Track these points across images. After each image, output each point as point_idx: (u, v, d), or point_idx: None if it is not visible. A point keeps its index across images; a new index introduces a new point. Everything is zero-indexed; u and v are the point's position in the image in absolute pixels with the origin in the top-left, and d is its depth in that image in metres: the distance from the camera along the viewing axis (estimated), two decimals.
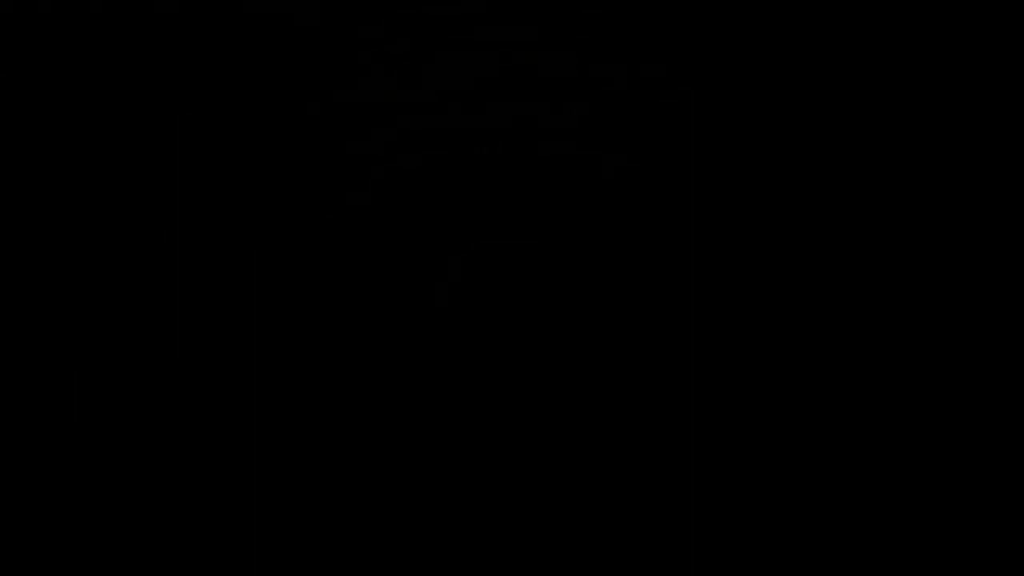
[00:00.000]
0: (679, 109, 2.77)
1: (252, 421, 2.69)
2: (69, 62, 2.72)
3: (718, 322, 2.75)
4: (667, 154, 2.76)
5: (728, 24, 2.78)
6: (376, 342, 2.71)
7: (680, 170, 2.77)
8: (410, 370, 2.70)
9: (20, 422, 2.68)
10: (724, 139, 2.78)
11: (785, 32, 2.77)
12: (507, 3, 2.76)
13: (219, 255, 2.71)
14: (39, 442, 2.68)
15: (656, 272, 2.73)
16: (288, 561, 2.68)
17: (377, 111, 2.74)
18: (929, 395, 2.67)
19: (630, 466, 2.68)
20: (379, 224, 2.72)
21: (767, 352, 2.72)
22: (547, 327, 2.72)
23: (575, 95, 2.75)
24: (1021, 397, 2.65)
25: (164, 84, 2.73)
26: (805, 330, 2.71)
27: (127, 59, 2.72)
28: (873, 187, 2.73)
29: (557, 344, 2.71)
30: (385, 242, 2.72)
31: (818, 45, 2.76)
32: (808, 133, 2.76)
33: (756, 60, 2.77)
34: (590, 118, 2.75)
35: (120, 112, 2.73)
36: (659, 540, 2.67)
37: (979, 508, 2.65)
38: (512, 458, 2.69)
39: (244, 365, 2.69)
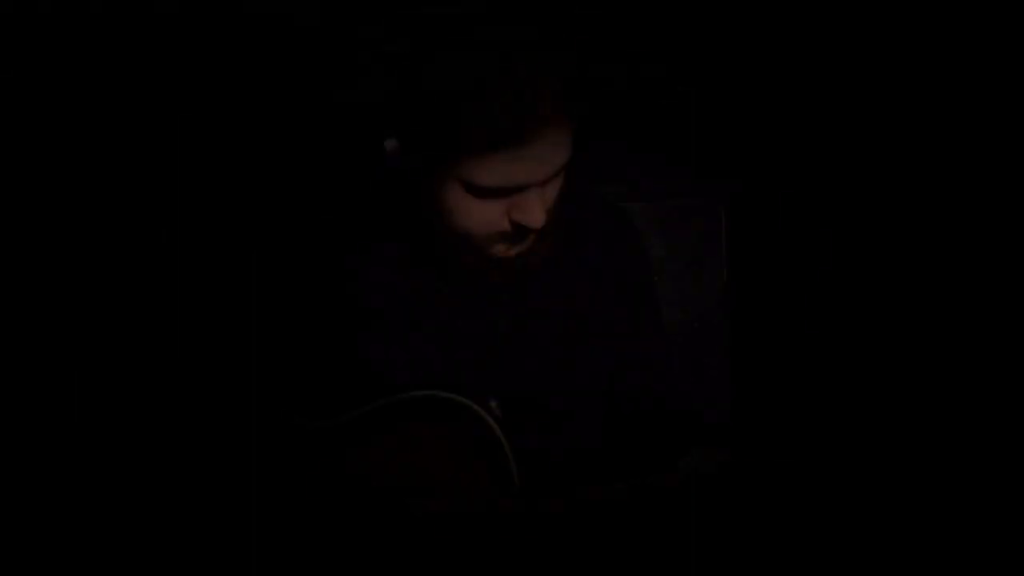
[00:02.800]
0: (679, 109, 2.77)
1: (252, 421, 2.69)
2: (69, 62, 2.72)
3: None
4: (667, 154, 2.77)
5: (728, 24, 2.78)
6: None
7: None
8: None
9: (20, 422, 2.69)
10: (724, 139, 2.79)
11: (785, 32, 2.78)
12: (507, 3, 2.76)
13: (219, 255, 2.72)
14: (39, 442, 2.69)
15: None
16: (288, 561, 2.68)
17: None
18: (929, 395, 2.68)
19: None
20: None
21: (767, 352, 2.73)
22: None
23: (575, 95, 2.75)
24: (1022, 397, 2.66)
25: (164, 84, 2.73)
26: (805, 330, 2.72)
27: (127, 59, 2.73)
28: (873, 187, 2.73)
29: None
30: None
31: (818, 45, 2.76)
32: (808, 133, 2.76)
33: (756, 60, 2.78)
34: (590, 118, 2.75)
35: (120, 112, 2.73)
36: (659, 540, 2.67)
37: (979, 508, 2.66)
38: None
39: (244, 365, 2.69)
